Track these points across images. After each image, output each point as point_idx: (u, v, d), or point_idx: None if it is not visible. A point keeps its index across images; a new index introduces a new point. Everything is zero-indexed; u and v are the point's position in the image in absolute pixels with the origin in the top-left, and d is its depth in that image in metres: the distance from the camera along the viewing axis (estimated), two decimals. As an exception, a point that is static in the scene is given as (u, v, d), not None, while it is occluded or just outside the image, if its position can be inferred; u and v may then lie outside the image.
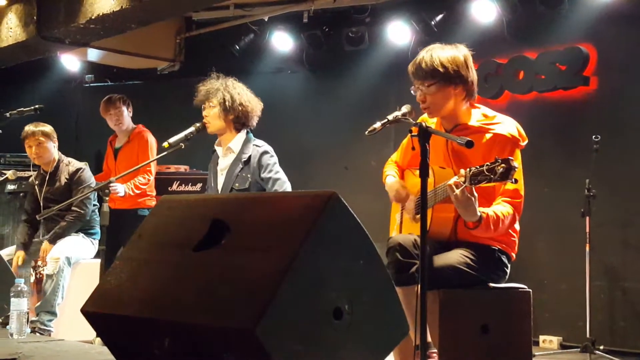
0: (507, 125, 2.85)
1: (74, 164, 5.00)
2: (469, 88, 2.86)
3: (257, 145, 3.81)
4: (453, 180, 2.60)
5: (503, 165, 2.45)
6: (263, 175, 3.71)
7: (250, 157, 3.76)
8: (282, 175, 3.74)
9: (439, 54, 2.84)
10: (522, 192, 2.81)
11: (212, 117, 3.80)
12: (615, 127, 5.23)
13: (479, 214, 2.63)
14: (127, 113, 5.45)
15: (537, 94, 5.63)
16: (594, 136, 4.96)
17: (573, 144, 5.44)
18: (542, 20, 5.56)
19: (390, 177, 3.15)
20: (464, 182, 2.56)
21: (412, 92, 2.93)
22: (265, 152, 3.77)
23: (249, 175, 3.73)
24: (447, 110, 2.88)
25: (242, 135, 3.84)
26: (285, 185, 3.71)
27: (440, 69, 2.81)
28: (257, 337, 1.72)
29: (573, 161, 5.39)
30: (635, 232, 5.14)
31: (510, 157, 2.48)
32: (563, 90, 5.50)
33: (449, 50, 2.86)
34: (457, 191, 2.57)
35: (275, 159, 3.78)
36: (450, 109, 2.88)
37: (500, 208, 2.75)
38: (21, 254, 4.83)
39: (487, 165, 2.50)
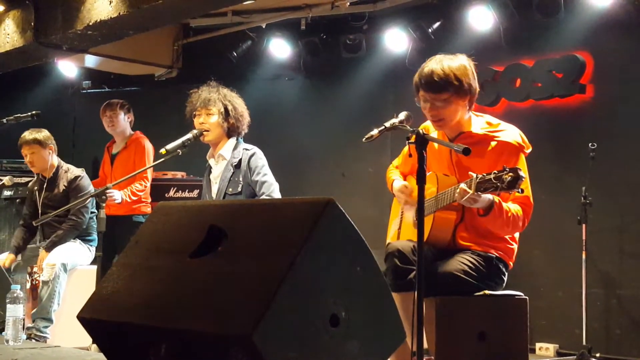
0: (512, 133, 2.86)
1: (73, 171, 4.99)
2: (473, 99, 2.87)
3: (246, 149, 3.84)
4: (459, 188, 2.61)
5: (511, 174, 2.46)
6: (252, 178, 3.73)
7: (240, 160, 3.79)
8: (269, 177, 3.75)
9: (450, 64, 2.80)
10: (532, 200, 2.82)
11: (212, 125, 3.81)
12: (612, 135, 5.24)
13: (490, 197, 2.63)
14: (123, 117, 5.45)
15: (534, 101, 5.64)
16: (590, 144, 4.97)
17: (569, 151, 5.46)
18: (539, 28, 5.59)
19: (397, 180, 3.14)
20: (470, 189, 2.57)
21: (417, 103, 2.90)
22: (254, 155, 3.79)
23: (240, 179, 3.75)
24: (456, 122, 2.89)
25: (233, 141, 3.87)
26: (272, 187, 3.72)
27: (455, 82, 2.77)
28: (254, 344, 1.72)
29: (569, 169, 5.40)
30: (631, 240, 5.14)
31: (518, 167, 2.50)
32: (559, 98, 5.52)
33: (457, 61, 2.83)
34: (462, 200, 2.59)
35: (263, 161, 3.80)
36: (457, 120, 2.88)
37: (512, 206, 2.77)
38: (11, 257, 4.82)
39: (494, 173, 2.50)
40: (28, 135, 4.92)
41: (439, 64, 2.81)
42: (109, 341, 2.21)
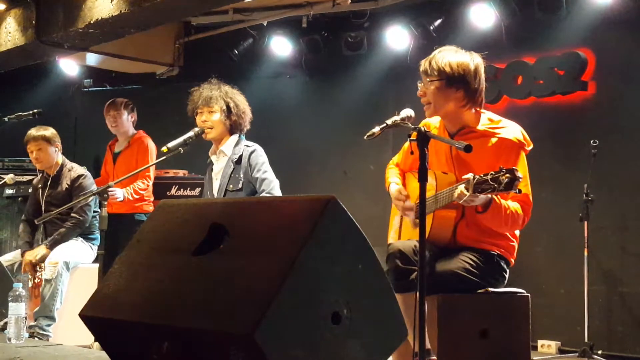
0: (513, 130, 2.86)
1: (77, 169, 4.99)
2: (471, 94, 2.86)
3: (247, 146, 3.85)
4: (457, 191, 2.61)
5: (507, 175, 2.46)
6: (252, 175, 3.74)
7: (241, 157, 3.80)
8: (269, 174, 3.76)
9: (451, 56, 2.86)
10: (531, 198, 2.82)
11: (215, 123, 3.82)
12: (613, 132, 5.24)
13: (488, 196, 2.64)
14: (127, 117, 5.44)
15: (536, 98, 5.64)
16: (592, 141, 4.97)
17: (571, 148, 5.45)
18: (541, 25, 5.58)
19: (393, 184, 3.16)
20: (468, 191, 2.57)
21: (418, 86, 2.95)
22: (254, 151, 3.80)
23: (241, 176, 3.75)
24: (445, 112, 2.89)
25: (235, 137, 3.88)
26: (272, 184, 3.73)
27: (447, 70, 2.82)
28: (256, 342, 1.71)
29: (571, 166, 5.40)
30: (633, 237, 5.14)
31: (514, 168, 2.50)
32: (561, 95, 5.52)
33: (462, 54, 2.88)
34: (461, 202, 2.60)
35: (264, 158, 3.81)
36: (449, 111, 2.88)
37: (512, 204, 2.77)
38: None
39: (491, 174, 2.51)
40: (35, 131, 4.92)
41: (442, 53, 2.88)
42: (111, 339, 2.21)
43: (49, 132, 4.95)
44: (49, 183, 4.97)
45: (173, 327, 1.94)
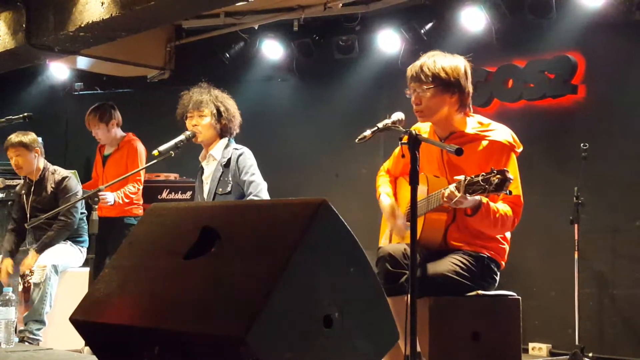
0: (503, 132, 2.88)
1: (60, 172, 4.97)
2: (464, 98, 2.88)
3: (235, 149, 3.85)
4: (448, 191, 2.61)
5: (498, 176, 2.46)
6: (240, 177, 3.74)
7: (229, 160, 3.80)
8: (257, 177, 3.76)
9: (442, 60, 2.87)
10: (522, 200, 2.83)
11: (205, 126, 3.82)
12: (603, 135, 5.27)
13: (478, 198, 2.64)
14: (106, 129, 5.32)
15: (526, 102, 5.66)
16: (582, 144, 4.99)
17: (561, 151, 5.48)
18: (531, 28, 5.61)
19: (384, 195, 3.14)
20: (459, 192, 2.57)
21: (406, 95, 2.94)
22: (242, 154, 3.80)
23: (229, 179, 3.76)
24: (439, 117, 2.90)
25: (224, 141, 3.88)
26: (259, 187, 3.73)
27: (442, 75, 2.83)
28: (248, 345, 1.71)
29: (562, 169, 5.42)
30: (623, 240, 5.16)
31: (505, 169, 2.50)
32: (552, 98, 5.54)
33: (451, 58, 2.89)
34: (451, 203, 2.60)
35: (252, 161, 3.81)
36: (443, 116, 2.89)
37: (501, 206, 2.77)
38: (9, 262, 4.78)
39: (482, 175, 2.51)
40: (14, 137, 4.89)
41: (432, 58, 2.89)
42: (101, 343, 2.20)
43: (28, 137, 4.88)
44: (32, 188, 4.93)
45: (164, 331, 1.94)
